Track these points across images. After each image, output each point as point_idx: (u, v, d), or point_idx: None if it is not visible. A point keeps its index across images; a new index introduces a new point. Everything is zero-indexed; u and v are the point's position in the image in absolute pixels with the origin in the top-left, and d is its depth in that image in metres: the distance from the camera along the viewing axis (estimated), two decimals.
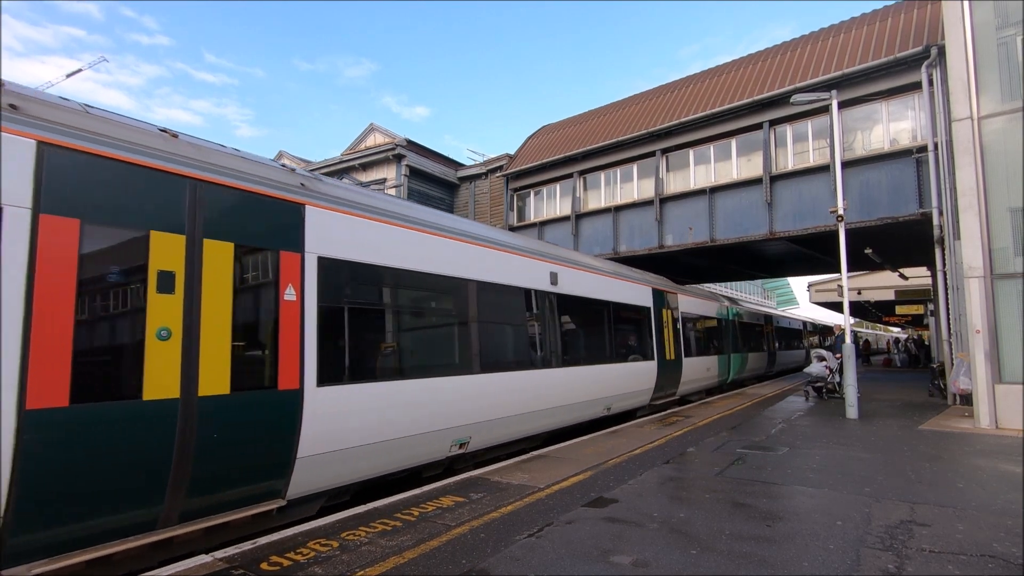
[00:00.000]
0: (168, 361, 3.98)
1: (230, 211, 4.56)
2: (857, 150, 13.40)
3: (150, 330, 3.90)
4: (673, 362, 13.39)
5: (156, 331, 3.94)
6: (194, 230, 4.26)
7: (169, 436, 3.97)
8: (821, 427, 9.60)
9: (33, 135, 3.54)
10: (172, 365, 4.00)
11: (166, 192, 4.13)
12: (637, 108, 18.18)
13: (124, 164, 3.93)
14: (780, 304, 69.19)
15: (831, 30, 14.89)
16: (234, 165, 4.74)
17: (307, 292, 5.04)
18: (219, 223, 4.44)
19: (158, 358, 3.93)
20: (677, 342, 13.81)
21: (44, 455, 3.39)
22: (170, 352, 3.99)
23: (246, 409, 4.46)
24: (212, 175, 4.45)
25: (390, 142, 21.60)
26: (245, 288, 4.62)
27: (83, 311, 3.64)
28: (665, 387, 12.96)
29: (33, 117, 3.60)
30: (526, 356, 8.23)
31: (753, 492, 5.56)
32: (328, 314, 5.22)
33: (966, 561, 3.78)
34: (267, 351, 4.69)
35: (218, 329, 4.32)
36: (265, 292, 4.76)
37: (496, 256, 7.78)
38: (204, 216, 4.33)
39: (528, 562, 3.85)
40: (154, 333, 3.93)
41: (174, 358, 4.01)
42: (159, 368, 3.93)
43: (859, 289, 27.45)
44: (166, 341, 3.98)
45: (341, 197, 5.71)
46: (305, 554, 4.05)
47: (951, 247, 11.10)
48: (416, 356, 6.30)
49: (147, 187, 4.03)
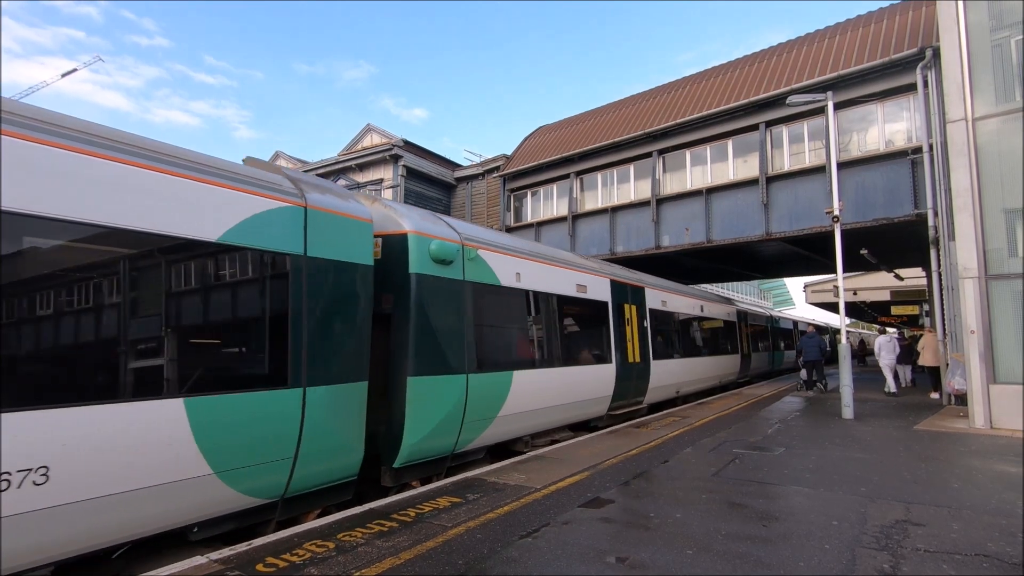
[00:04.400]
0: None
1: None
2: (853, 151, 13.46)
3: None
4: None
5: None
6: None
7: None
8: (817, 428, 9.62)
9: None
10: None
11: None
12: (634, 109, 18.21)
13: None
14: (776, 305, 69.36)
15: (827, 32, 14.95)
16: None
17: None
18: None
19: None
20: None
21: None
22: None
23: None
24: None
25: (387, 143, 21.59)
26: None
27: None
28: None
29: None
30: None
31: (749, 492, 5.57)
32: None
33: (961, 561, 3.79)
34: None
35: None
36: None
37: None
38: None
39: (525, 563, 3.85)
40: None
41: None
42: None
43: (855, 290, 27.57)
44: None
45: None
46: (301, 555, 4.04)
47: (946, 248, 11.14)
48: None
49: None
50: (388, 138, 22.14)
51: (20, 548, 3.29)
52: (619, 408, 10.92)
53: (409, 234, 6.33)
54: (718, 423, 10.28)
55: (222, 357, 4.57)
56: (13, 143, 3.43)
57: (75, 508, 3.50)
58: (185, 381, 4.12)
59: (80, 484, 3.52)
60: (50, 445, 3.38)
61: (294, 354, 4.84)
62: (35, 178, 3.50)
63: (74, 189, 3.67)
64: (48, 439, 3.38)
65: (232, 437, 4.34)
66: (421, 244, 6.38)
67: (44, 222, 3.52)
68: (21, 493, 3.25)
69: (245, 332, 4.76)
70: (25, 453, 3.28)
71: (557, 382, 8.73)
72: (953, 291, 10.84)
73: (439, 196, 22.17)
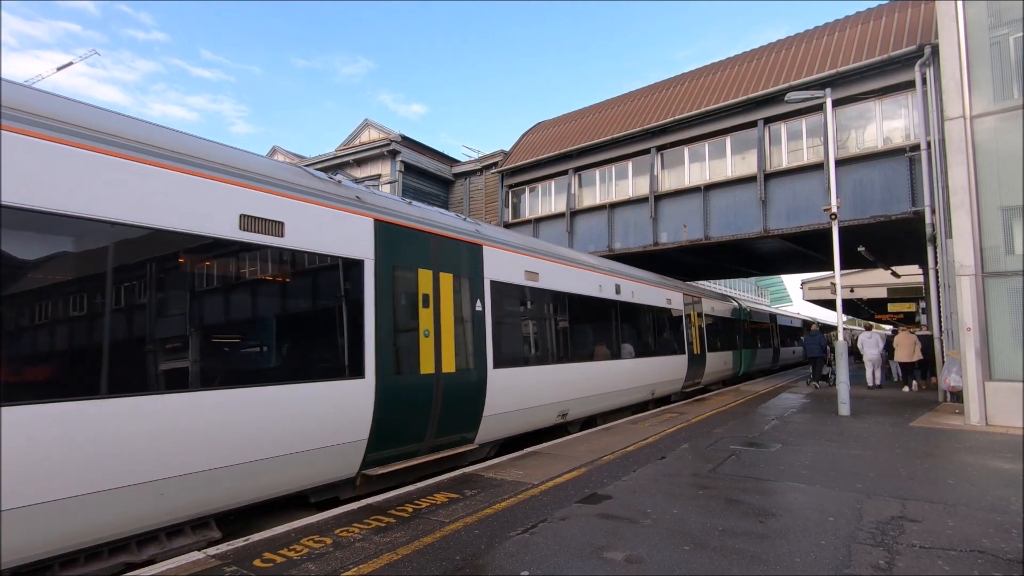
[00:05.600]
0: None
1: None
2: (851, 148, 13.46)
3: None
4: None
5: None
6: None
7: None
8: (814, 424, 9.65)
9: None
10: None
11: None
12: (632, 105, 18.17)
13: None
14: (773, 302, 69.52)
15: (825, 28, 14.93)
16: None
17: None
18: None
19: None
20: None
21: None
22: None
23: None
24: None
25: (385, 138, 21.51)
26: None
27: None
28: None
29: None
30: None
31: (746, 488, 5.59)
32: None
33: (956, 557, 3.81)
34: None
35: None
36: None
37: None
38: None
39: (522, 558, 3.85)
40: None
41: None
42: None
43: (852, 287, 27.63)
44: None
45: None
46: (298, 551, 4.04)
47: (943, 245, 11.16)
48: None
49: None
50: (386, 133, 22.06)
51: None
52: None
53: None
54: (715, 420, 10.31)
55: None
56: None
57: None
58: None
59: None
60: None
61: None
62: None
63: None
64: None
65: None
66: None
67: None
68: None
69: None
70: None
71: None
72: (950, 288, 10.86)
73: (437, 192, 22.11)
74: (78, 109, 4.02)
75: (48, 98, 3.91)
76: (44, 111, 3.74)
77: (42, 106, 3.76)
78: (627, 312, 11.78)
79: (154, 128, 4.49)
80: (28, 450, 3.38)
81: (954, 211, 9.58)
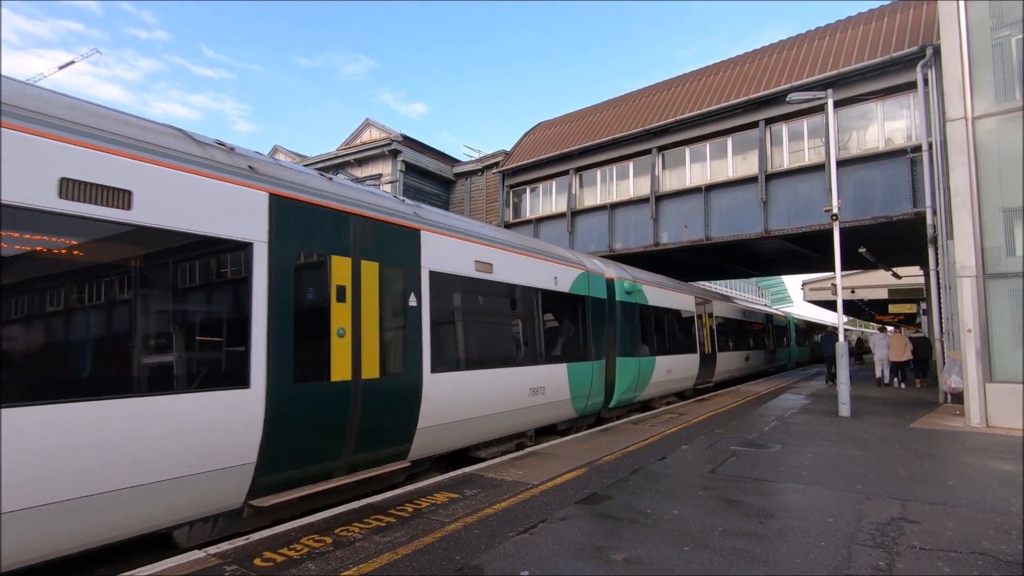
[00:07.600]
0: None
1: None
2: (852, 149, 13.46)
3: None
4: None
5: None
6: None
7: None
8: (814, 425, 9.65)
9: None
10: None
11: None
12: (633, 106, 18.17)
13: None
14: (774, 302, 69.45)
15: (827, 29, 14.92)
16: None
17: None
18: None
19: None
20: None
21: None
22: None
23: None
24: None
25: (386, 137, 21.52)
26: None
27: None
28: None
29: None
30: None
31: (746, 489, 5.59)
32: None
33: (956, 558, 3.81)
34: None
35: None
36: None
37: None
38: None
39: (522, 559, 3.86)
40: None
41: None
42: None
43: (852, 288, 27.63)
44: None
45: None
46: (299, 550, 4.04)
47: (944, 246, 11.16)
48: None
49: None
50: (387, 133, 22.07)
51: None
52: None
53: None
54: (715, 420, 10.31)
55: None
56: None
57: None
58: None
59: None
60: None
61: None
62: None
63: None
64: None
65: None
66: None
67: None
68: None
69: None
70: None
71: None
72: (951, 289, 10.85)
73: (438, 192, 22.12)
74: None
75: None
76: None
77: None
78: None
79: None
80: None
81: (955, 212, 9.57)
